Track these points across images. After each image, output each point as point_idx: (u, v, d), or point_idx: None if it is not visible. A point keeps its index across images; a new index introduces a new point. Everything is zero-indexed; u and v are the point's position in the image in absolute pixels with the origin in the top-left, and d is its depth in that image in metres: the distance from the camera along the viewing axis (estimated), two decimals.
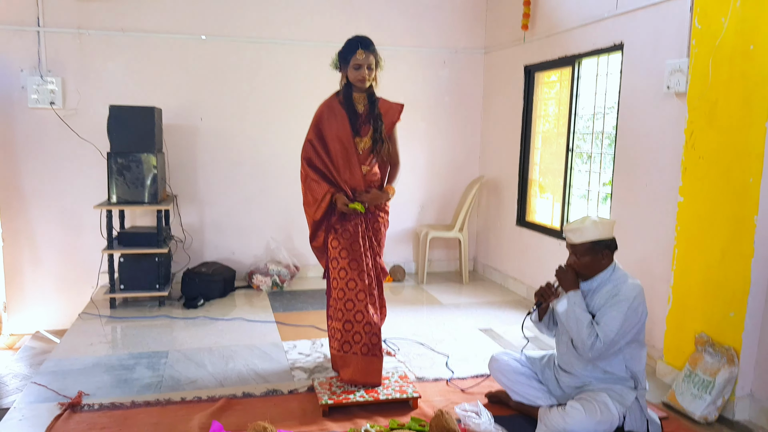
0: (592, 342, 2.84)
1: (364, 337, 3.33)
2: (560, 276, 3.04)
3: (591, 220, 2.97)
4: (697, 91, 3.44)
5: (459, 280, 6.08)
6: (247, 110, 5.72)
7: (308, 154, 3.53)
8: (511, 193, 5.79)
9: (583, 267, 2.99)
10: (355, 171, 3.48)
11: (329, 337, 3.61)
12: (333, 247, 3.47)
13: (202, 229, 5.74)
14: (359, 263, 3.41)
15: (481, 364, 3.90)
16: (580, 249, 2.97)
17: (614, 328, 2.84)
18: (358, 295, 3.37)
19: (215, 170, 5.71)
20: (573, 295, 2.95)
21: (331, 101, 3.55)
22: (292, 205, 5.87)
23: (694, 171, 3.47)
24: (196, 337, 4.27)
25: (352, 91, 3.49)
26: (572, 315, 2.91)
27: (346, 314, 3.35)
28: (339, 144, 3.46)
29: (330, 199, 3.45)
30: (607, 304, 2.92)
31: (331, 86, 3.65)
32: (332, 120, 3.48)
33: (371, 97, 3.53)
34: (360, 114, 3.52)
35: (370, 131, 3.52)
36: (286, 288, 5.60)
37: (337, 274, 3.42)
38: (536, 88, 5.49)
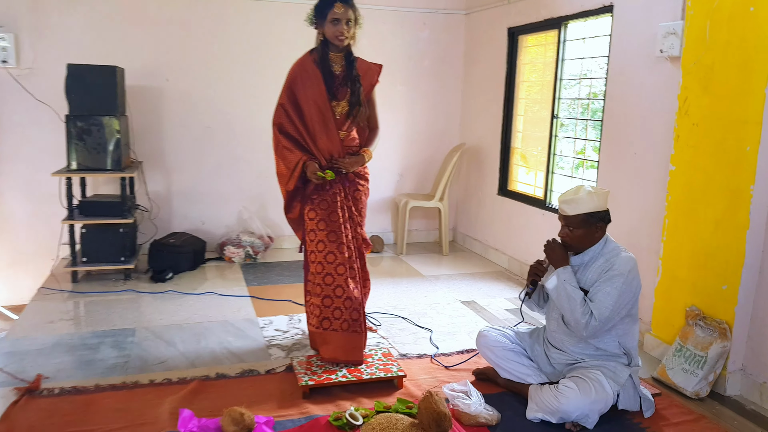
0: (586, 321, 2.71)
1: (344, 313, 3.15)
2: (549, 251, 2.89)
3: (585, 191, 2.81)
4: (691, 56, 3.28)
5: (439, 251, 5.93)
6: (216, 71, 5.41)
7: (280, 120, 3.29)
8: (492, 161, 5.62)
9: (576, 240, 2.84)
10: (332, 137, 3.26)
11: (307, 313, 3.42)
12: (310, 219, 3.27)
13: (170, 197, 5.47)
14: (338, 235, 3.22)
15: (466, 338, 3.77)
16: (573, 221, 2.82)
17: (609, 305, 2.71)
18: (337, 268, 3.18)
19: (183, 135, 5.42)
20: (563, 271, 2.81)
21: (304, 61, 3.30)
22: (265, 172, 5.60)
23: (687, 139, 3.33)
24: (165, 313, 4.05)
25: (328, 50, 3.26)
26: (563, 292, 2.77)
27: (324, 289, 3.17)
28: (314, 108, 3.23)
29: (303, 167, 3.23)
30: (600, 279, 2.78)
31: (307, 45, 3.40)
32: (306, 82, 3.24)
33: (349, 57, 3.30)
34: (337, 75, 3.28)
35: (348, 94, 3.30)
36: (260, 260, 5.38)
37: (315, 247, 3.22)
38: (520, 51, 5.28)
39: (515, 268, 5.22)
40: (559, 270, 2.82)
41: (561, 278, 2.79)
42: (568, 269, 2.81)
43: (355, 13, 3.18)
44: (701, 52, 3.22)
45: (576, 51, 4.61)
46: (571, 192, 2.85)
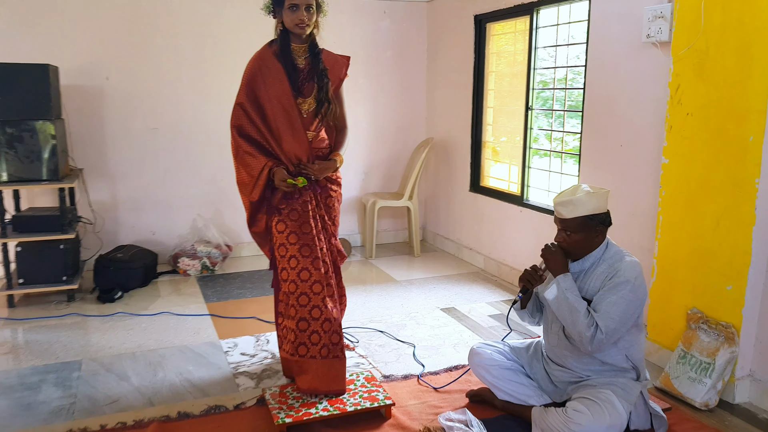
0: (591, 334, 2.45)
1: (323, 337, 2.81)
2: (547, 257, 2.61)
3: (584, 191, 2.54)
4: (683, 40, 3.05)
5: (409, 252, 5.63)
6: (162, 67, 4.96)
7: (239, 122, 2.91)
8: (462, 156, 5.34)
9: (574, 245, 2.57)
10: (299, 138, 2.91)
11: (279, 337, 3.07)
12: (279, 232, 2.91)
13: (116, 207, 5.00)
14: (312, 249, 2.87)
15: (451, 351, 3.48)
16: (571, 225, 2.55)
17: (616, 316, 2.45)
18: (313, 287, 2.84)
19: (128, 138, 4.95)
20: (563, 279, 2.53)
21: (263, 55, 2.93)
22: (220, 175, 5.22)
23: (680, 129, 3.10)
24: (116, 340, 3.63)
25: (289, 42, 2.90)
26: (565, 303, 2.50)
27: (299, 311, 2.82)
28: (278, 107, 2.87)
29: (268, 174, 2.87)
30: (604, 287, 2.52)
31: (264, 37, 3.04)
32: (268, 77, 2.88)
33: (313, 49, 2.95)
34: (301, 69, 2.93)
35: (315, 90, 2.94)
36: (218, 271, 4.98)
37: (287, 263, 2.87)
38: (488, 40, 5.01)
39: (492, 269, 4.97)
40: (558, 278, 2.54)
41: (562, 287, 2.52)
42: (568, 277, 2.54)
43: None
44: (694, 36, 2.99)
45: (550, 38, 4.35)
46: (567, 192, 2.58)
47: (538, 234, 4.43)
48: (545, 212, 4.36)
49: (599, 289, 2.54)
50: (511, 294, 4.48)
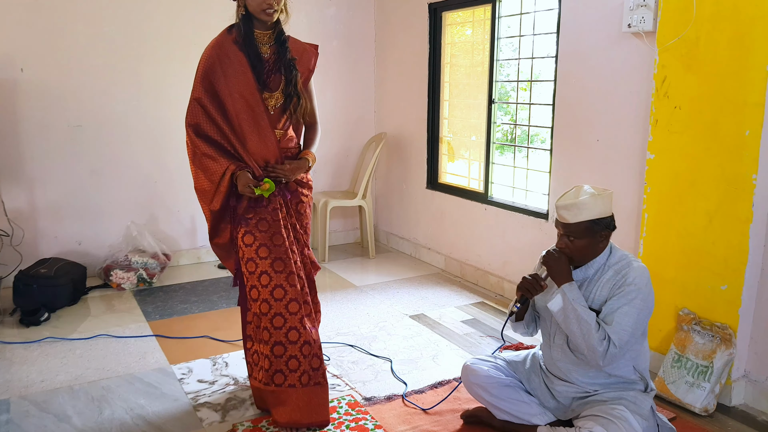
0: (605, 348, 2.25)
1: (302, 363, 2.49)
2: (551, 264, 2.37)
3: (588, 193, 2.33)
4: (670, 30, 2.91)
5: (363, 254, 5.34)
6: (86, 56, 4.41)
7: (196, 119, 2.55)
8: (417, 151, 5.09)
9: (578, 251, 2.35)
10: (266, 137, 2.58)
11: (249, 363, 2.71)
12: (246, 245, 2.56)
13: (35, 215, 4.43)
14: (285, 263, 2.54)
15: (431, 365, 3.23)
16: (575, 230, 2.33)
17: (629, 327, 2.26)
18: (289, 306, 2.51)
19: (47, 137, 4.39)
20: (569, 289, 2.32)
21: (223, 43, 2.57)
22: (154, 175, 4.76)
23: (668, 123, 2.97)
24: (47, 371, 3.16)
25: (253, 28, 2.55)
26: (573, 315, 2.28)
27: (274, 334, 2.49)
28: (241, 102, 2.53)
29: (231, 178, 2.52)
30: (613, 296, 2.32)
31: (201, 20, 2.68)
32: (228, 69, 2.53)
33: (280, 36, 2.61)
34: (266, 60, 2.59)
35: (282, 83, 2.61)
36: (156, 284, 4.52)
37: (257, 280, 2.52)
38: (444, 30, 4.77)
39: (454, 269, 4.76)
40: (564, 287, 2.32)
41: (569, 297, 2.30)
42: (574, 286, 2.33)
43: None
44: (681, 25, 2.85)
45: (514, 28, 4.16)
46: (570, 195, 2.36)
47: (504, 233, 4.25)
48: (512, 210, 4.18)
49: (606, 298, 2.35)
50: (479, 296, 4.28)
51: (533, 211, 4.03)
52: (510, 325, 2.60)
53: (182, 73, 4.66)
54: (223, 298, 4.24)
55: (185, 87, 4.64)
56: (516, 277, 4.17)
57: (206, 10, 4.65)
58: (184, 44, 4.63)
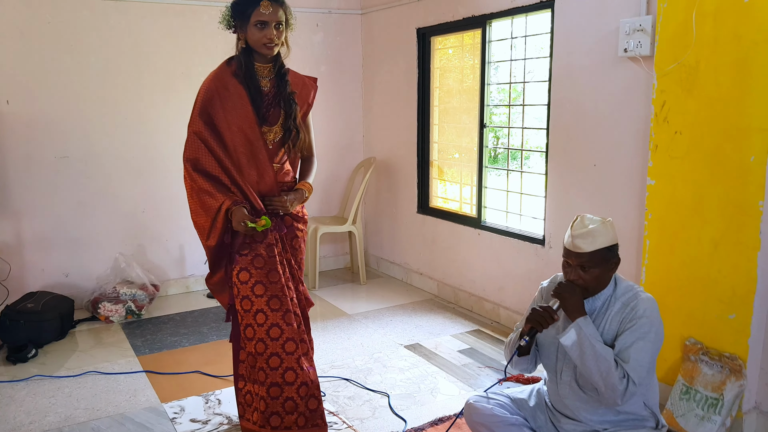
0: (624, 387, 2.17)
1: (299, 404, 2.40)
2: (566, 296, 2.27)
3: (597, 221, 2.27)
4: (668, 55, 2.88)
5: (354, 280, 5.25)
6: (71, 88, 4.34)
7: (195, 154, 2.47)
8: (407, 175, 5.04)
9: (592, 282, 2.28)
10: (264, 171, 2.53)
11: (241, 404, 2.61)
12: (241, 282, 2.47)
13: (21, 249, 4.31)
14: (282, 300, 2.46)
15: (429, 399, 3.14)
16: (590, 259, 2.23)
17: (646, 363, 2.19)
18: (285, 346, 2.42)
19: (33, 169, 4.29)
20: (585, 323, 2.24)
21: (222, 75, 2.51)
22: (141, 205, 4.67)
23: (668, 149, 2.93)
24: (36, 412, 3.03)
25: (253, 60, 2.49)
26: (590, 352, 2.20)
27: (270, 375, 2.40)
28: (240, 136, 2.48)
29: (226, 214, 2.45)
30: (624, 330, 2.25)
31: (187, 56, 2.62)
32: (227, 103, 2.47)
33: (280, 69, 2.56)
34: (266, 93, 2.54)
35: (281, 117, 2.55)
36: (145, 315, 4.40)
37: (252, 319, 2.44)
38: (433, 54, 4.74)
39: (447, 295, 4.68)
40: (579, 321, 2.24)
41: (585, 332, 2.22)
42: (589, 320, 2.25)
43: (287, 12, 2.45)
44: (680, 50, 2.82)
45: (504, 52, 4.13)
46: (578, 224, 2.29)
47: (498, 258, 4.18)
48: (506, 234, 4.13)
49: (616, 331, 2.27)
50: (475, 323, 4.21)
51: (528, 237, 3.97)
52: (514, 363, 2.51)
53: (168, 104, 4.61)
54: (213, 330, 4.14)
55: (171, 117, 4.65)
56: (512, 303, 4.10)
57: (192, 41, 4.60)
58: (170, 75, 4.57)
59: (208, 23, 4.62)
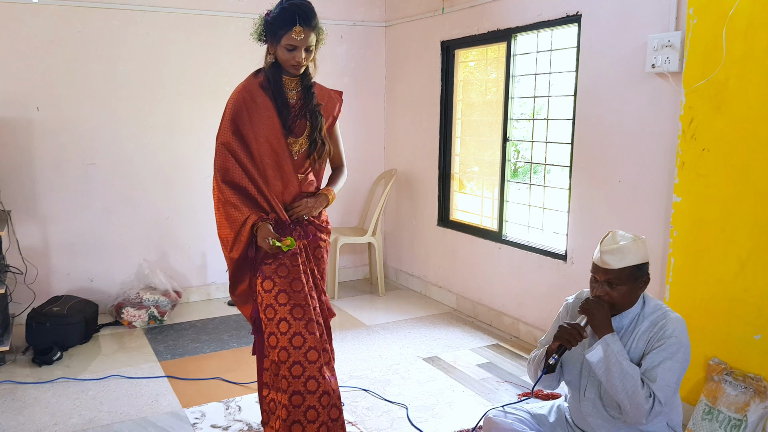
0: (650, 406, 2.15)
1: (321, 414, 2.41)
2: (593, 312, 2.25)
3: (629, 238, 2.24)
4: (697, 71, 2.87)
5: (372, 291, 5.26)
6: (99, 96, 4.42)
7: (225, 164, 2.49)
8: (428, 188, 5.05)
9: (620, 299, 2.25)
10: (289, 182, 2.56)
11: (265, 412, 2.63)
12: (265, 291, 2.49)
13: (48, 253, 4.39)
14: (305, 309, 2.48)
15: (448, 412, 3.14)
16: (618, 276, 2.21)
17: (673, 383, 2.17)
18: (308, 354, 2.43)
19: (61, 175, 4.37)
20: (612, 341, 2.22)
21: (250, 87, 2.54)
22: (165, 214, 4.73)
23: (695, 166, 2.91)
24: (60, 414, 3.08)
25: (281, 74, 2.53)
26: (616, 369, 2.18)
27: (293, 383, 2.41)
28: (267, 148, 2.51)
29: (251, 228, 2.46)
30: (653, 349, 2.21)
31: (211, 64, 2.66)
32: (254, 114, 2.50)
33: (306, 83, 2.59)
34: (292, 105, 2.57)
35: (307, 129, 2.59)
36: (167, 321, 4.44)
37: (276, 327, 2.45)
38: (456, 67, 4.76)
39: (466, 309, 4.67)
40: (607, 338, 2.21)
41: (613, 350, 2.19)
42: (616, 338, 2.22)
43: (318, 35, 2.47)
44: (709, 66, 2.81)
45: (528, 66, 4.14)
46: (609, 240, 2.27)
47: (519, 273, 4.17)
48: (527, 249, 4.11)
49: (643, 350, 2.24)
50: (494, 338, 4.19)
51: (550, 252, 3.95)
52: (533, 377, 2.49)
53: (193, 113, 4.68)
54: (233, 337, 4.17)
55: (196, 126, 4.71)
56: (532, 318, 4.08)
57: (219, 51, 4.67)
58: (196, 84, 4.65)
59: (234, 34, 4.69)
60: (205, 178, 4.81)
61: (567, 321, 2.35)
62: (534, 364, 2.46)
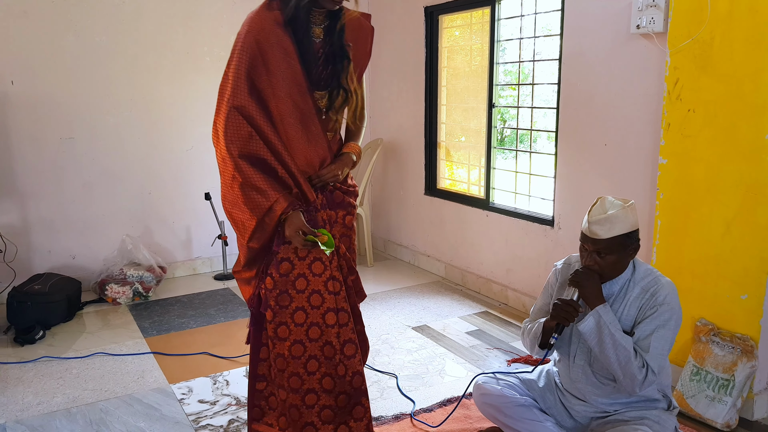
0: (643, 376, 2.13)
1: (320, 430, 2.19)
2: (584, 284, 2.20)
3: (618, 205, 2.18)
4: (682, 31, 2.82)
5: (361, 262, 5.22)
6: (77, 68, 4.30)
7: (240, 133, 2.00)
8: (414, 157, 4.99)
9: (608, 268, 2.21)
10: (318, 144, 2.12)
11: (257, 407, 2.31)
12: (281, 274, 2.14)
13: (27, 230, 4.31)
14: (324, 297, 2.14)
15: (438, 380, 3.13)
16: (607, 246, 2.16)
17: (665, 351, 2.15)
18: (308, 365, 2.15)
19: (38, 150, 4.27)
20: (604, 312, 2.17)
21: (264, 23, 1.99)
22: (147, 188, 4.65)
23: (681, 127, 2.88)
24: (44, 393, 3.04)
25: (311, 6, 2.02)
26: (609, 340, 2.14)
27: (290, 396, 2.19)
28: (290, 104, 2.05)
29: (279, 218, 2.04)
30: (645, 317, 2.18)
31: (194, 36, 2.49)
32: (271, 61, 2.00)
33: (338, 14, 2.08)
34: (317, 47, 2.09)
35: (332, 75, 2.12)
36: (152, 297, 4.40)
37: (290, 317, 2.13)
38: (441, 33, 4.67)
39: (455, 277, 4.66)
40: (599, 309, 2.17)
41: (604, 320, 2.15)
42: (608, 308, 2.18)
43: None
44: (694, 26, 2.76)
45: (512, 30, 4.06)
46: (598, 209, 2.20)
47: (507, 240, 4.15)
48: (514, 216, 4.09)
49: (635, 317, 2.21)
50: (482, 305, 4.18)
51: (537, 218, 3.93)
52: (531, 349, 2.46)
53: (173, 84, 4.58)
54: (220, 312, 4.13)
55: (176, 98, 4.61)
56: (520, 285, 4.08)
57: (197, 22, 4.54)
58: (175, 55, 4.53)
59: (213, 2, 4.56)
60: (188, 151, 4.73)
61: (559, 297, 2.32)
62: (530, 337, 2.42)
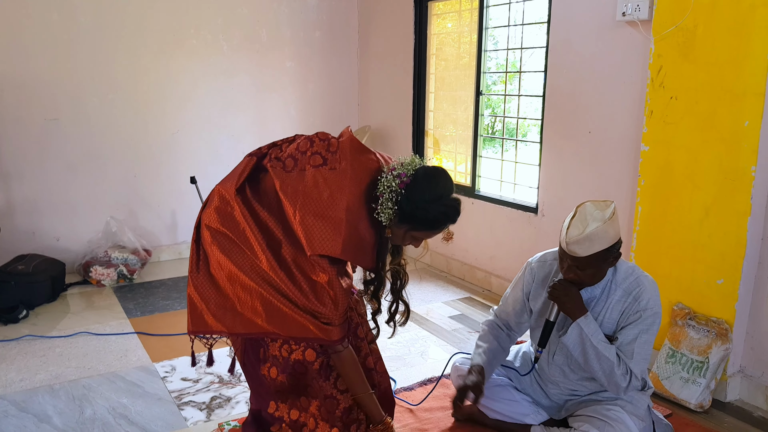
0: (627, 383, 2.16)
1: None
2: (563, 300, 2.20)
3: (598, 218, 2.10)
4: (666, 18, 2.85)
5: None
6: (59, 48, 4.26)
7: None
8: (403, 144, 5.01)
9: (588, 279, 2.19)
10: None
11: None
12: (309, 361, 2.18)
13: (11, 211, 4.28)
14: None
15: (419, 361, 3.17)
16: (586, 262, 2.13)
17: (648, 355, 2.19)
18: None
19: (22, 131, 4.24)
20: (585, 323, 2.18)
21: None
22: (132, 170, 4.63)
23: (663, 114, 2.92)
24: (27, 370, 3.04)
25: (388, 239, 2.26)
26: (592, 352, 2.16)
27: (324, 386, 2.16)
28: None
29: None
30: (629, 322, 2.19)
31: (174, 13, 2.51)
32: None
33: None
34: None
35: None
36: (137, 280, 4.39)
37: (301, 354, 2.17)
38: (430, 20, 4.69)
39: (440, 264, 4.69)
40: (580, 321, 2.18)
41: (586, 332, 2.17)
42: (590, 319, 2.18)
43: None
44: (679, 14, 2.79)
45: (501, 18, 4.09)
46: (576, 224, 2.12)
47: (492, 227, 4.19)
48: (499, 203, 4.12)
49: (617, 321, 2.23)
50: (466, 291, 4.22)
51: (522, 205, 3.97)
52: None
53: (159, 65, 4.56)
54: None
55: (162, 79, 4.59)
56: (504, 272, 4.12)
57: (184, 3, 4.52)
58: (161, 36, 4.51)
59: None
60: (174, 134, 4.72)
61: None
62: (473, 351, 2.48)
